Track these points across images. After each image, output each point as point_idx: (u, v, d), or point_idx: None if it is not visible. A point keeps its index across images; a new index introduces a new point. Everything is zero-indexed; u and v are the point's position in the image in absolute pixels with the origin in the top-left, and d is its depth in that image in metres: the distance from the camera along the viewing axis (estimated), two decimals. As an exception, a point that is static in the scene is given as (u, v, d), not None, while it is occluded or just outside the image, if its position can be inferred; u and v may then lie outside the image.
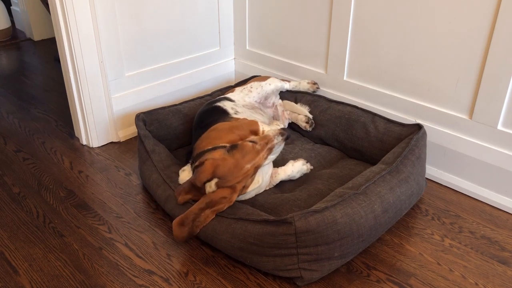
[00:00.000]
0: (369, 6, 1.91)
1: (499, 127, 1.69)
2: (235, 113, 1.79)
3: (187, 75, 2.43)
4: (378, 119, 1.88)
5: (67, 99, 2.17)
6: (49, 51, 3.39)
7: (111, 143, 2.20)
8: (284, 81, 2.14)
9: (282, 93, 2.15)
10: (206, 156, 1.51)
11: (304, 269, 1.37)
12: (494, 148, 1.72)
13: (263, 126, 1.66)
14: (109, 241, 1.58)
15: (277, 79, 2.11)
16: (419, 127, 1.75)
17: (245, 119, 1.72)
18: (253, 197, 1.63)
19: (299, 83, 2.18)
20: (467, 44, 1.68)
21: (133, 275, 1.44)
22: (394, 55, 1.91)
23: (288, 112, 2.08)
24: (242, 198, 1.59)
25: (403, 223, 1.67)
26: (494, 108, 1.67)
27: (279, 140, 1.54)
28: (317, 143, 2.04)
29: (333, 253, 1.37)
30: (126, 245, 1.57)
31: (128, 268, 1.47)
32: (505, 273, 1.46)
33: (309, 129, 2.02)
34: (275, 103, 2.09)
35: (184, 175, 1.64)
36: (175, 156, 1.90)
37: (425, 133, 1.75)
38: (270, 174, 1.69)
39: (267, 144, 1.51)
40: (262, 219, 1.38)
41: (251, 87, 2.00)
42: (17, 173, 1.96)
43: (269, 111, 2.04)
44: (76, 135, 2.24)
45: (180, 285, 1.41)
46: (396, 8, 1.84)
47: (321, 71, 2.20)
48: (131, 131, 2.24)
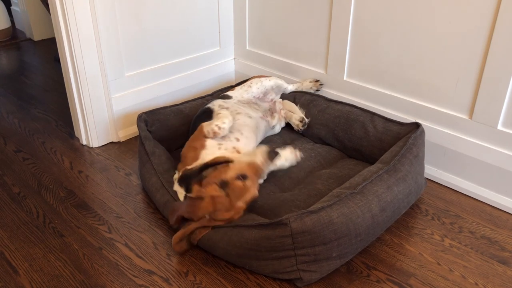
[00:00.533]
0: (369, 6, 1.91)
1: (499, 127, 1.69)
2: (221, 109, 1.80)
3: (187, 75, 2.43)
4: (376, 118, 1.88)
5: (67, 99, 2.17)
6: (49, 51, 3.39)
7: (111, 143, 2.20)
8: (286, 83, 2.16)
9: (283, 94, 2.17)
10: (198, 189, 1.48)
11: (303, 270, 1.37)
12: (494, 148, 1.72)
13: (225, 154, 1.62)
14: (109, 241, 1.58)
15: (279, 79, 2.12)
16: (417, 125, 1.75)
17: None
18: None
19: (301, 84, 2.18)
20: (467, 44, 1.68)
21: (133, 275, 1.44)
22: (394, 55, 1.91)
23: (285, 111, 2.09)
24: None
25: (403, 223, 1.67)
26: (494, 108, 1.67)
27: (268, 164, 1.54)
28: (317, 143, 2.04)
29: (331, 253, 1.36)
30: (126, 245, 1.57)
31: (128, 268, 1.47)
32: (505, 273, 1.46)
33: (301, 128, 2.02)
34: (274, 99, 2.10)
35: (176, 189, 1.63)
36: (176, 156, 1.89)
37: (423, 131, 1.75)
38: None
39: (257, 175, 1.51)
40: (257, 223, 1.38)
41: (251, 83, 2.04)
42: (17, 173, 1.96)
43: (266, 105, 2.04)
44: (76, 135, 2.24)
45: (180, 285, 1.41)
46: (396, 8, 1.84)
47: (321, 71, 2.20)
48: (131, 131, 2.24)
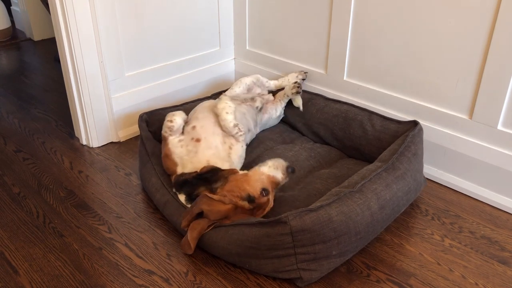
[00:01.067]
0: (369, 6, 1.91)
1: (499, 127, 1.69)
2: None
3: (187, 75, 2.43)
4: (374, 117, 1.88)
5: (67, 99, 2.17)
6: (49, 51, 3.39)
7: (111, 143, 2.20)
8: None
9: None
10: (223, 193, 1.50)
11: (303, 269, 1.37)
12: (494, 148, 1.72)
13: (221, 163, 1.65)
14: (109, 241, 1.58)
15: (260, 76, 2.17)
16: (415, 123, 1.75)
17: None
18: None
19: (285, 78, 2.21)
20: (467, 44, 1.68)
21: (133, 275, 1.44)
22: (394, 55, 1.91)
23: (277, 95, 2.14)
24: None
25: (403, 223, 1.67)
26: (494, 108, 1.67)
27: (286, 180, 1.56)
28: (316, 142, 2.04)
29: (331, 251, 1.36)
30: (126, 245, 1.57)
31: (128, 268, 1.47)
32: (505, 273, 1.46)
33: (299, 91, 2.05)
34: (261, 93, 2.14)
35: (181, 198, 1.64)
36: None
37: (421, 129, 1.75)
38: (244, 157, 1.78)
39: (274, 188, 1.54)
40: (257, 221, 1.39)
41: (234, 85, 2.09)
42: (17, 173, 1.96)
43: (249, 95, 2.07)
44: (76, 135, 2.24)
45: (180, 285, 1.41)
46: (396, 8, 1.83)
47: (321, 71, 2.20)
48: (131, 131, 2.24)
